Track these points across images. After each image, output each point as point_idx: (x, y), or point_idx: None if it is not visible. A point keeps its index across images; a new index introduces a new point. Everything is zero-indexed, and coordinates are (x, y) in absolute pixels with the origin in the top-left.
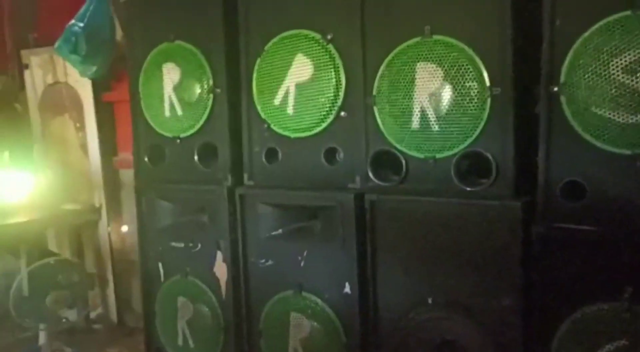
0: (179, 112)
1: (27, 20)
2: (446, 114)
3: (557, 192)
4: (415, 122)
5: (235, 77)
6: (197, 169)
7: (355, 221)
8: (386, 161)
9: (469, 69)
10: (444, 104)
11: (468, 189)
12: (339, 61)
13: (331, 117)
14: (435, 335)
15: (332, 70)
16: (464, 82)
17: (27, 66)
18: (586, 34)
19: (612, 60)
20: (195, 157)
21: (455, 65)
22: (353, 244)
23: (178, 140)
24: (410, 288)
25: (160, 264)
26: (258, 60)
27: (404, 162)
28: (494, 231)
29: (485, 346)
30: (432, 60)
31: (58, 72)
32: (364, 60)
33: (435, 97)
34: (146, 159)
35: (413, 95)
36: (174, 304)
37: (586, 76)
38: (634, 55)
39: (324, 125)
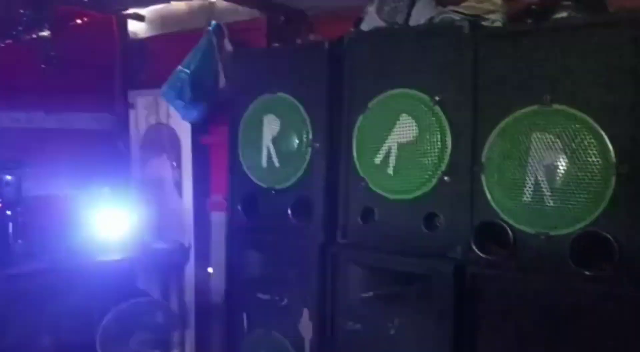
0: (276, 163)
1: (137, 61)
2: (564, 189)
3: None
4: (528, 195)
5: (335, 132)
6: (290, 222)
7: (454, 294)
8: (491, 233)
9: (592, 142)
10: (561, 178)
11: (586, 273)
12: (445, 124)
13: (434, 181)
14: None
15: (438, 132)
16: (586, 157)
17: (132, 106)
18: None
19: None
20: (289, 211)
21: (576, 138)
22: (449, 318)
23: (273, 192)
24: None
25: (244, 315)
26: (360, 117)
27: (511, 235)
28: (613, 322)
29: None
30: (550, 131)
31: (161, 113)
32: (473, 125)
33: (551, 170)
34: (239, 207)
35: (527, 166)
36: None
37: None
38: None
39: (425, 189)
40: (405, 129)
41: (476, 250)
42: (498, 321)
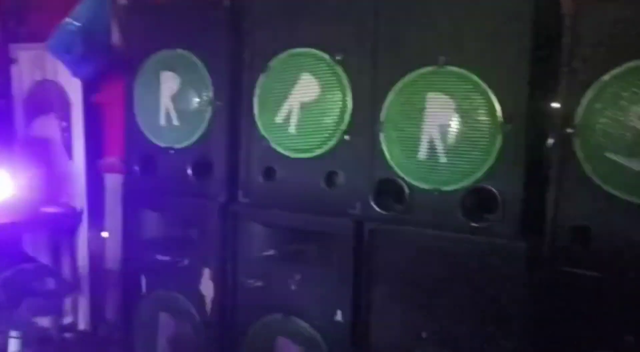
0: (175, 122)
1: (18, 12)
2: (455, 146)
3: (565, 236)
4: (423, 153)
5: (237, 91)
6: (190, 182)
7: (353, 249)
8: (389, 190)
9: (482, 103)
10: (454, 136)
11: (473, 224)
12: (346, 83)
13: (334, 140)
14: None
15: (339, 92)
16: (476, 116)
17: (14, 61)
18: (605, 78)
19: (630, 107)
20: (189, 170)
21: (467, 98)
22: (349, 271)
23: (172, 151)
24: (404, 321)
25: (142, 277)
26: (261, 76)
27: (407, 192)
28: (497, 269)
29: None
30: (445, 91)
31: (47, 69)
32: (373, 85)
33: (444, 128)
34: (136, 168)
35: (422, 124)
36: (154, 318)
37: (602, 121)
38: None
39: (326, 147)
40: (306, 89)
41: (374, 206)
42: (394, 272)
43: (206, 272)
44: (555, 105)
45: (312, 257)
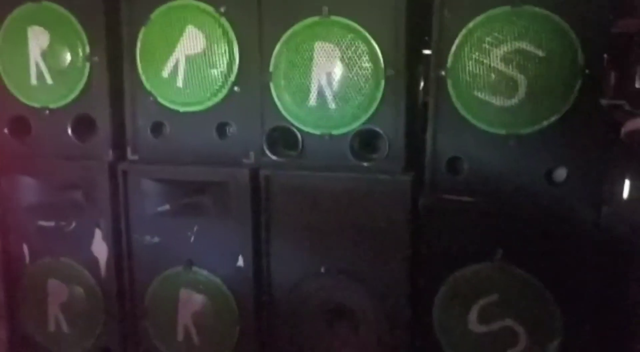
0: (49, 80)
1: None
2: (343, 92)
3: (442, 167)
4: (313, 100)
5: (116, 45)
6: (71, 142)
7: (250, 196)
8: (281, 137)
9: (365, 50)
10: (341, 83)
11: (363, 164)
12: (232, 35)
13: (224, 92)
14: (327, 302)
15: (226, 44)
16: (360, 63)
17: None
18: (470, 25)
19: (492, 50)
20: (69, 130)
21: (352, 47)
22: (247, 218)
23: (47, 112)
24: (303, 259)
25: (25, 246)
26: (143, 29)
27: (300, 138)
28: (385, 203)
29: (374, 310)
30: (330, 41)
31: None
32: (260, 36)
33: (332, 76)
34: (6, 130)
35: (311, 73)
36: (43, 287)
37: (470, 63)
38: (510, 47)
39: (216, 99)
40: (192, 41)
41: (268, 153)
42: (291, 215)
43: (98, 234)
44: (430, 51)
45: (209, 208)
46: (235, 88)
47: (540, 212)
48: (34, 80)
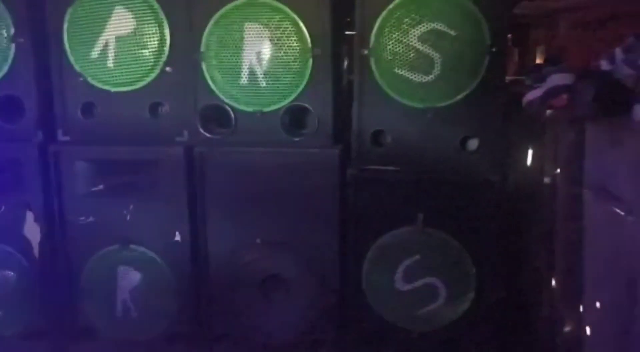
0: None
1: None
2: (273, 71)
3: (367, 140)
4: (244, 78)
5: (41, 26)
6: None
7: (185, 173)
8: (214, 115)
9: (293, 31)
10: (270, 62)
11: (294, 139)
12: (162, 16)
13: (156, 72)
14: (263, 271)
15: (155, 25)
16: (289, 43)
17: None
18: (390, 6)
19: (410, 30)
20: None
21: (280, 27)
22: (182, 195)
23: None
24: (240, 231)
25: None
26: (69, 10)
27: (232, 115)
28: (315, 175)
29: (307, 277)
30: (260, 22)
31: None
32: (190, 17)
33: (262, 55)
34: None
35: (242, 53)
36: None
37: (390, 42)
38: (427, 27)
39: (147, 79)
40: (121, 22)
41: (202, 131)
42: (226, 190)
43: (30, 216)
44: (353, 32)
45: (144, 187)
46: (167, 68)
47: (455, 178)
48: None
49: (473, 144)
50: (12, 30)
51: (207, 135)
